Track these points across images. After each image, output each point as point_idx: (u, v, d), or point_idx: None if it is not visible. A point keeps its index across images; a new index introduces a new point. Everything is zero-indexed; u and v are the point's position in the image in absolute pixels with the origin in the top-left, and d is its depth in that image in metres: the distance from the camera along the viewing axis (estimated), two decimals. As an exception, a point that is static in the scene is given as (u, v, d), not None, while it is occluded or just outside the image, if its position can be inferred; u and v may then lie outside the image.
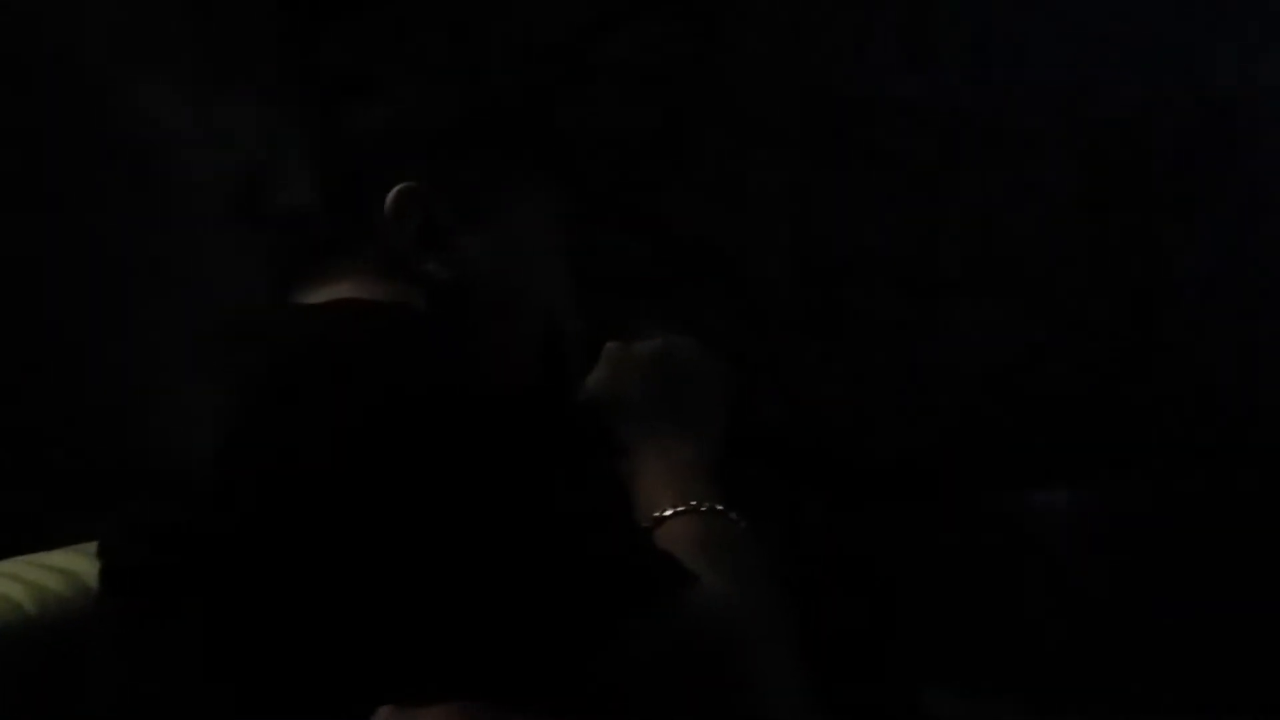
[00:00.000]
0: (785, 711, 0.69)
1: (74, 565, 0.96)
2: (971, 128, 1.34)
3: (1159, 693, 1.45)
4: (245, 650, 0.67)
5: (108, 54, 0.20)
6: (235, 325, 0.74)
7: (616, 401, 0.84)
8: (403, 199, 0.76)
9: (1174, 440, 1.33)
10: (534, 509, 0.68)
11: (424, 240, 0.79)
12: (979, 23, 1.36)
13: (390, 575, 0.65)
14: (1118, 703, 1.44)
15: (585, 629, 0.66)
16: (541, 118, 1.30)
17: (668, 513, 0.76)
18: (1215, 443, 1.31)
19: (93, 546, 0.87)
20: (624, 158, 1.28)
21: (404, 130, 0.82)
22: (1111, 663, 1.47)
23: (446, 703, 0.67)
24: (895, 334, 1.39)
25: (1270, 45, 1.32)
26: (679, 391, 0.83)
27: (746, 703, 0.68)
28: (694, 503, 0.76)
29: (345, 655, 0.66)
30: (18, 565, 0.96)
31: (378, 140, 0.81)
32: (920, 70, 1.33)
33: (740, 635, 0.69)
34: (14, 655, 0.88)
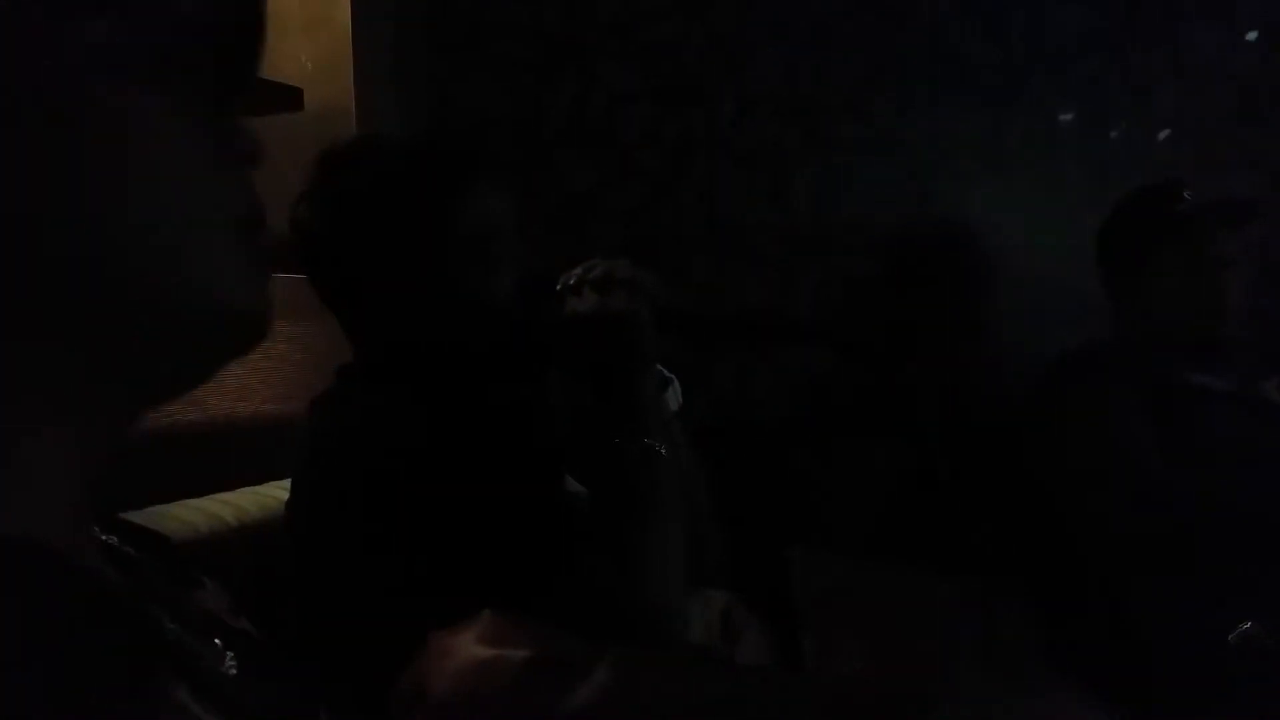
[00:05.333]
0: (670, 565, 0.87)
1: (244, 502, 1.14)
2: (810, 248, 2.12)
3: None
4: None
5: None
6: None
7: (568, 360, 0.93)
8: None
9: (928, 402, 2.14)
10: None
11: None
12: (823, 183, 2.13)
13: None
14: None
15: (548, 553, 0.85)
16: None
17: (611, 447, 0.85)
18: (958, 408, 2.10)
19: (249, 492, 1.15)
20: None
21: None
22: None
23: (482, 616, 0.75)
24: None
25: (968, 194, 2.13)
26: (612, 344, 0.90)
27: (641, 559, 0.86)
28: (628, 441, 0.84)
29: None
30: (218, 497, 1.11)
31: None
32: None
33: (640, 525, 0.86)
34: (223, 559, 0.96)
